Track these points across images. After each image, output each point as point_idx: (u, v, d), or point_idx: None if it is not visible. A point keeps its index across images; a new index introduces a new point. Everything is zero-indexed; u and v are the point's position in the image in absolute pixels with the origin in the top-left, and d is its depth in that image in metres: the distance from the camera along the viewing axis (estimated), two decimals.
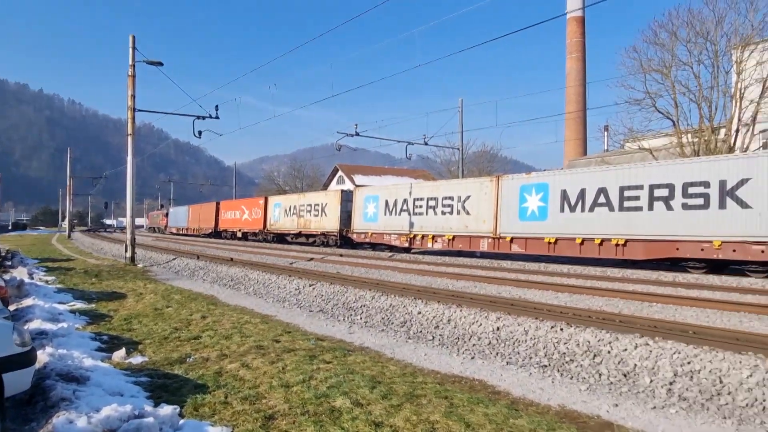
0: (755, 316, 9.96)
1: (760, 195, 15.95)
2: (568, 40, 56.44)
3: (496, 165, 60.42)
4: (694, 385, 6.01)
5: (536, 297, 12.34)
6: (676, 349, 6.75)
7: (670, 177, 18.06)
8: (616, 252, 19.42)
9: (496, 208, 23.67)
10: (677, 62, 28.07)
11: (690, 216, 17.43)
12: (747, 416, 5.30)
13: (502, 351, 7.88)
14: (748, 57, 26.05)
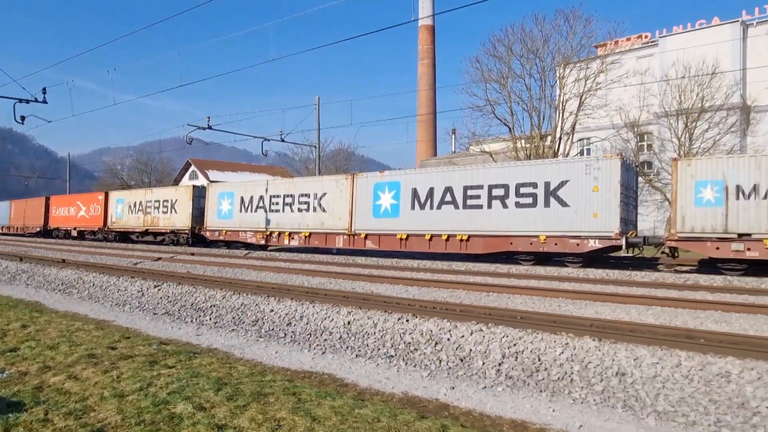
0: (570, 301, 11.41)
1: (576, 195, 18.29)
2: (420, 46, 59.43)
3: (353, 163, 61.59)
4: (518, 364, 6.74)
5: (388, 291, 12.87)
6: (505, 334, 7.51)
7: (506, 178, 19.95)
8: (460, 247, 20.94)
9: (352, 206, 24.20)
10: (513, 74, 31.06)
11: (522, 213, 19.42)
12: (558, 388, 6.09)
13: (352, 344, 8.13)
14: (569, 74, 29.66)
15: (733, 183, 16.09)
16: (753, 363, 5.88)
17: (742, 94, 35.71)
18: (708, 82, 30.91)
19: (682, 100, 31.27)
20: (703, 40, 36.79)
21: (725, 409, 5.13)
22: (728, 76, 32.37)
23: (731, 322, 9.19)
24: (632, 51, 41.16)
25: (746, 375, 5.61)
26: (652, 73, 36.06)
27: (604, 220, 17.81)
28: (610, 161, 18.02)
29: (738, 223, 15.99)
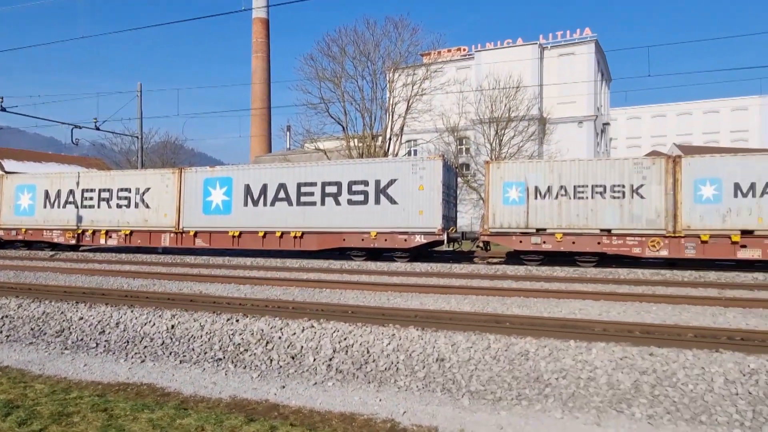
0: (398, 294, 12.05)
1: (403, 193, 19.37)
2: (254, 39, 57.85)
3: (183, 157, 57.90)
4: (348, 358, 6.93)
5: (218, 291, 12.33)
6: (336, 329, 7.66)
7: (339, 176, 20.37)
8: (294, 244, 20.87)
9: (179, 202, 22.70)
10: (346, 75, 31.80)
11: (354, 210, 19.99)
12: (385, 378, 6.39)
13: (176, 350, 7.62)
14: (397, 78, 31.27)
15: (532, 184, 18.39)
16: (546, 341, 6.78)
17: (540, 108, 41.01)
18: (514, 94, 34.97)
19: (494, 109, 34.93)
20: (510, 57, 41.56)
21: (524, 384, 5.84)
22: (529, 90, 36.99)
23: (531, 306, 10.48)
24: (453, 62, 44.89)
25: (540, 352, 6.45)
26: (469, 83, 39.75)
27: (428, 217, 19.12)
28: (434, 162, 19.41)
29: (536, 220, 18.32)
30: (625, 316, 9.49)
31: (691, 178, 16.77)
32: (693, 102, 65.75)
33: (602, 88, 50.21)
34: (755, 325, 8.57)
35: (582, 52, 44.51)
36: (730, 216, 16.40)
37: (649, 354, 6.19)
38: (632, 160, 17.81)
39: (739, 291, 12.73)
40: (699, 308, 10.47)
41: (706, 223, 16.63)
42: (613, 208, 17.54)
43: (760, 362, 5.76)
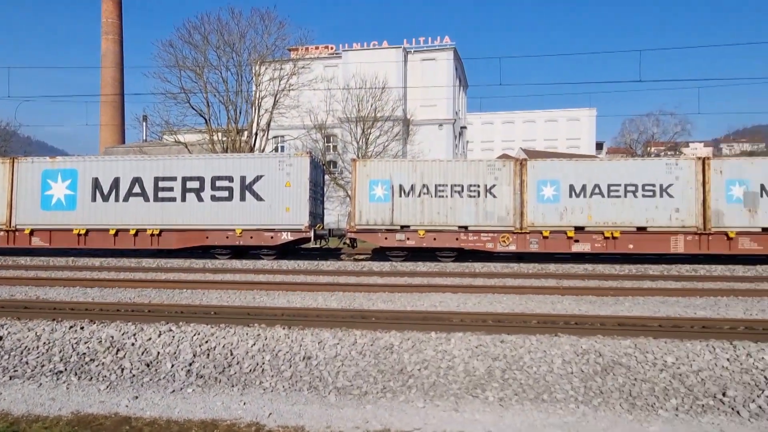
0: (264, 293, 11.77)
1: (270, 190, 18.98)
2: (104, 19, 52.80)
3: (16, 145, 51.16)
4: (210, 361, 6.61)
5: (60, 295, 11.08)
6: (197, 331, 7.27)
7: (202, 171, 19.36)
8: (151, 242, 19.44)
9: (11, 196, 20.00)
10: (209, 65, 30.29)
11: (218, 207, 19.14)
12: (250, 380, 6.20)
13: (5, 364, 6.71)
14: (264, 72, 30.51)
15: (397, 183, 19.03)
16: (410, 334, 7.07)
17: (404, 109, 42.63)
18: (379, 95, 35.93)
19: (360, 108, 35.57)
20: (376, 58, 42.62)
21: (389, 377, 6.03)
22: (394, 92, 38.25)
23: (395, 301, 10.85)
24: (321, 59, 44.88)
25: (404, 345, 6.71)
26: (336, 81, 40.02)
27: (295, 214, 18.93)
28: (301, 159, 19.26)
29: (401, 217, 19.00)
30: (480, 306, 10.21)
31: (535, 180, 18.52)
32: (537, 111, 72.94)
33: (460, 94, 53.55)
34: (586, 311, 9.70)
35: (442, 58, 47.03)
36: (567, 214, 18.39)
37: (501, 341, 6.72)
38: (486, 162, 19.22)
39: (574, 281, 14.33)
40: (541, 297, 11.60)
41: (547, 220, 18.48)
42: (470, 207, 18.77)
43: (590, 343, 6.54)
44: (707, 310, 9.94)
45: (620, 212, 18.14)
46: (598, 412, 5.21)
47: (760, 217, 17.42)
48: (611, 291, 12.18)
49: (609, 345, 6.51)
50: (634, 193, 18.09)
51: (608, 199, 18.21)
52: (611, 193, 18.20)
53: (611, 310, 9.77)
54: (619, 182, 18.16)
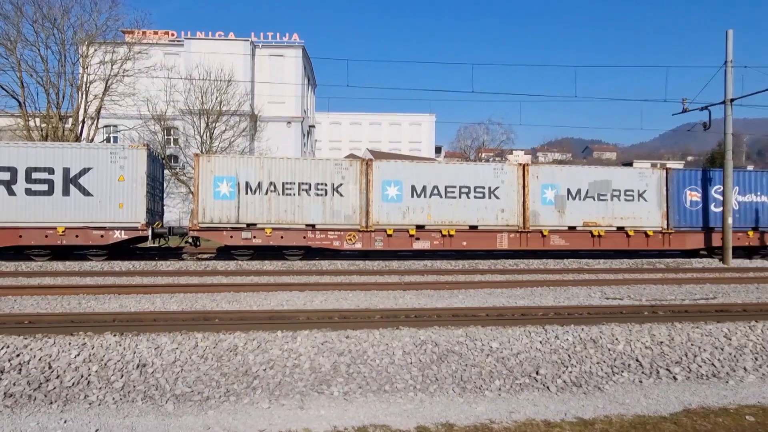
0: (92, 297, 10.69)
1: (100, 184, 17.25)
2: None
3: None
4: (23, 378, 5.84)
5: None
6: (5, 344, 6.38)
7: (14, 161, 16.95)
8: None
9: None
10: (24, 40, 26.55)
11: (35, 202, 16.91)
12: (73, 395, 5.59)
13: None
14: (93, 54, 27.55)
15: (243, 180, 18.50)
16: (255, 334, 6.94)
17: (252, 104, 41.50)
18: (225, 88, 34.53)
19: (204, 101, 33.84)
20: (222, 50, 40.86)
21: (233, 379, 5.87)
22: (241, 86, 37.04)
23: (241, 301, 10.57)
24: (160, 45, 41.81)
25: (249, 345, 6.58)
26: (178, 70, 37.55)
27: (130, 211, 17.44)
28: (137, 151, 17.79)
29: (247, 215, 18.50)
30: (327, 303, 10.38)
31: (380, 180, 19.28)
32: (382, 114, 75.86)
33: (309, 92, 53.59)
34: (425, 304, 10.38)
35: (291, 55, 46.63)
36: (409, 213, 19.43)
37: (346, 337, 6.92)
38: (333, 161, 19.53)
39: (414, 276, 15.21)
40: (385, 293, 12.14)
41: (391, 219, 19.35)
42: (318, 205, 18.92)
43: (428, 334, 7.02)
44: (525, 299, 11.21)
45: (456, 212, 19.64)
46: (434, 397, 5.62)
47: (567, 217, 20.09)
48: (447, 285, 13.15)
49: (444, 335, 7.05)
50: (467, 194, 19.71)
51: (446, 199, 19.60)
52: (448, 194, 19.62)
53: (446, 303, 10.57)
54: (455, 184, 19.65)
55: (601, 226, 20.31)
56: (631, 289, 12.99)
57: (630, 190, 20.48)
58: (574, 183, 20.24)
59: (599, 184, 20.30)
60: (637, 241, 20.64)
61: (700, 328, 7.55)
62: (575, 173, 20.74)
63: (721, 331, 7.43)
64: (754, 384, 6.14)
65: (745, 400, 5.58)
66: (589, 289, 12.93)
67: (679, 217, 20.72)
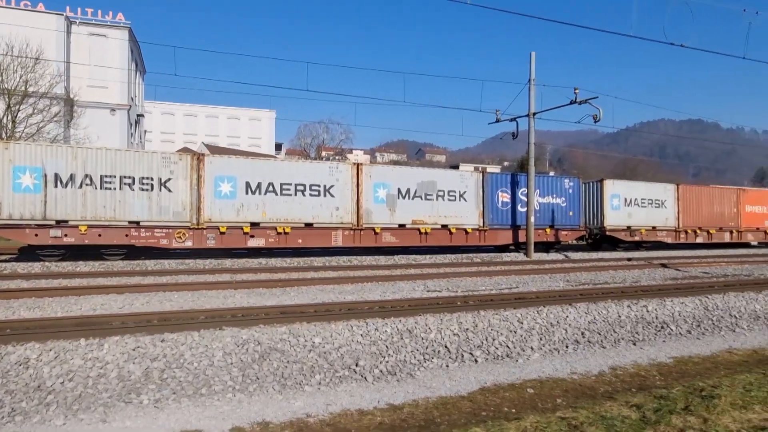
0: None
1: None
2: None
3: None
4: None
5: None
6: None
7: None
8: None
9: None
10: None
11: None
12: None
13: None
14: None
15: (52, 171, 16.46)
16: (54, 344, 6.25)
17: (67, 87, 36.97)
18: (32, 66, 30.32)
19: (5, 79, 29.35)
20: (28, 22, 35.78)
21: (21, 397, 5.21)
22: (52, 65, 32.81)
23: (45, 307, 9.43)
24: None
25: (45, 357, 5.90)
26: None
27: None
28: None
29: (56, 210, 16.51)
30: (148, 306, 9.71)
31: (213, 175, 18.50)
32: (220, 107, 72.65)
33: (137, 79, 49.33)
34: (254, 303, 10.24)
35: (116, 36, 42.50)
36: (243, 210, 18.95)
37: (161, 341, 6.55)
38: (161, 155, 18.27)
39: (247, 275, 14.89)
40: (215, 292, 11.72)
41: (224, 216, 18.69)
42: (143, 201, 17.57)
43: (251, 333, 6.95)
44: (354, 294, 11.64)
45: (292, 209, 19.62)
46: (253, 397, 5.59)
47: (398, 215, 21.25)
48: (280, 283, 13.11)
49: (268, 333, 7.03)
50: (303, 192, 19.81)
51: (281, 197, 19.48)
52: (284, 191, 19.53)
53: (277, 301, 10.54)
54: (291, 182, 19.63)
55: (428, 223, 21.82)
56: (450, 282, 14.17)
57: (453, 191, 22.31)
58: (404, 183, 21.45)
59: (426, 184, 21.79)
60: (458, 237, 22.55)
61: (500, 315, 8.55)
62: (405, 174, 21.99)
63: (516, 317, 8.49)
64: (537, 361, 7.12)
65: (528, 376, 6.45)
66: (414, 283, 13.83)
67: (492, 216, 23.10)
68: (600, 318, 8.91)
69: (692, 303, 10.07)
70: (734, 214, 30.71)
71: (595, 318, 8.88)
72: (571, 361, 7.13)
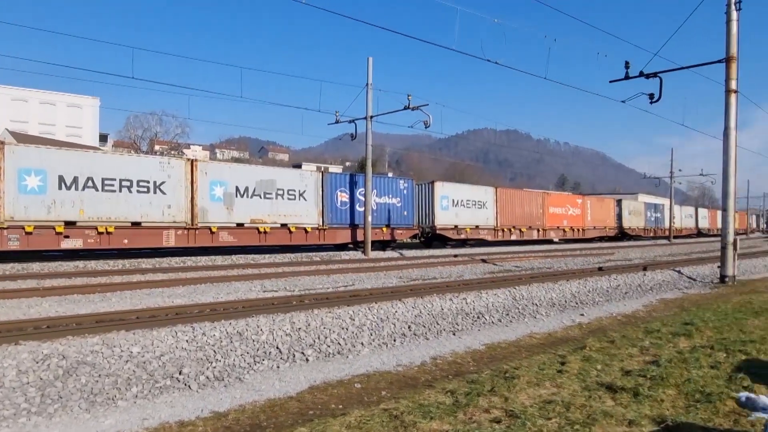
0: None
1: None
2: None
3: None
4: None
5: None
6: None
7: None
8: None
9: None
10: None
11: None
12: None
13: None
14: None
15: None
16: None
17: None
18: None
19: None
20: None
21: None
22: None
23: None
24: None
25: None
26: None
27: None
28: None
29: None
30: None
31: (16, 168, 16.15)
32: (30, 90, 63.42)
33: None
34: (64, 312, 9.15)
35: None
36: (56, 208, 16.83)
37: None
38: None
39: (59, 280, 13.27)
40: (15, 302, 10.30)
41: (32, 214, 16.43)
42: None
43: (54, 346, 6.19)
44: (185, 297, 11.01)
45: (116, 207, 17.93)
46: (54, 419, 4.99)
47: (236, 214, 20.57)
48: (99, 288, 11.93)
49: (76, 345, 6.32)
50: (129, 188, 18.22)
51: (103, 193, 17.70)
52: (106, 187, 17.77)
53: (93, 308, 9.55)
54: (115, 177, 17.93)
55: (267, 222, 21.45)
56: (288, 282, 14.10)
57: (292, 190, 22.21)
58: (243, 181, 20.82)
59: (265, 183, 21.39)
60: (298, 236, 22.52)
61: (333, 312, 8.71)
62: (244, 172, 21.36)
63: (348, 314, 8.72)
64: (366, 356, 7.40)
65: (357, 371, 6.68)
66: (251, 284, 13.52)
67: (332, 215, 23.48)
68: (425, 311, 9.54)
69: (503, 294, 11.27)
70: (540, 214, 35.04)
71: (421, 312, 9.50)
72: (398, 354, 7.54)
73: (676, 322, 9.08)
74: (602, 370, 6.18)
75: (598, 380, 5.78)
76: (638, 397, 5.20)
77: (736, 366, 6.27)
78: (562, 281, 13.36)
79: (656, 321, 9.39)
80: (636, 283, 14.34)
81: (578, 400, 5.09)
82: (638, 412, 4.82)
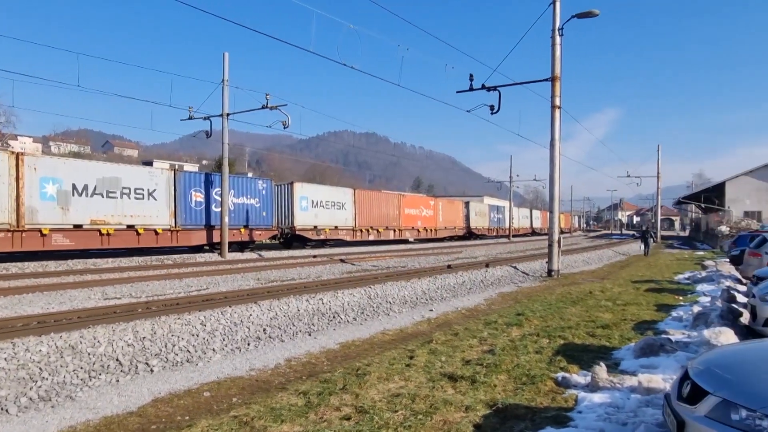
0: None
1: None
2: None
3: None
4: None
5: None
6: None
7: None
8: None
9: None
10: None
11: None
12: None
13: None
14: None
15: None
16: None
17: None
18: None
19: None
20: None
21: None
22: None
23: None
24: None
25: None
26: None
27: None
28: None
29: None
30: None
31: None
32: None
33: None
34: None
35: None
36: None
37: None
38: None
39: None
40: None
41: None
42: None
43: None
44: (7, 309, 9.74)
45: None
46: None
47: (73, 215, 18.58)
48: None
49: None
50: None
51: None
52: None
53: None
54: None
55: (111, 224, 19.68)
56: (134, 287, 13.11)
57: (140, 189, 20.63)
58: (81, 178, 18.86)
59: (109, 180, 19.60)
60: (147, 238, 20.98)
61: (182, 319, 8.29)
62: (82, 168, 19.35)
63: (199, 319, 8.36)
64: (217, 362, 7.16)
65: (206, 379, 6.44)
66: (90, 291, 12.36)
67: (186, 215, 22.24)
68: (282, 313, 9.48)
69: (359, 293, 11.58)
70: (397, 215, 36.53)
71: (278, 314, 9.41)
72: (251, 358, 7.40)
73: (511, 313, 10.07)
74: (446, 362, 6.66)
75: (442, 371, 6.22)
76: (475, 384, 5.70)
77: (556, 350, 7.14)
78: (414, 279, 14.08)
79: (494, 313, 10.32)
80: (479, 279, 15.59)
81: (423, 391, 5.44)
82: (474, 398, 5.28)
